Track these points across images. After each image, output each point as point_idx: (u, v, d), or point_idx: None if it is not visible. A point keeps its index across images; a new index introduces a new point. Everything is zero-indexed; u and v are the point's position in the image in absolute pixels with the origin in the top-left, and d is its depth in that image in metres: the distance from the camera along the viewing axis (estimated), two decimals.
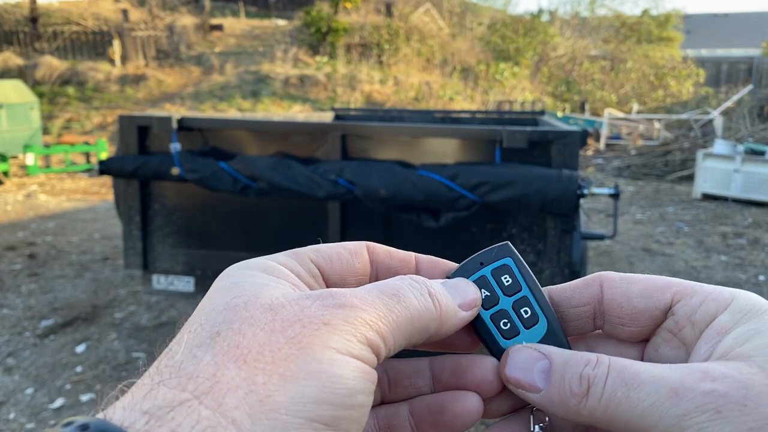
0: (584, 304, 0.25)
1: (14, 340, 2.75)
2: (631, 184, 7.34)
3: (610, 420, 0.20)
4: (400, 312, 0.21)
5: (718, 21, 23.68)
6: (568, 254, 1.95)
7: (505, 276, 0.25)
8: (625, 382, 0.20)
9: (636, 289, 0.24)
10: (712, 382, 0.19)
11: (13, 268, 3.79)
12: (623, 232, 5.02)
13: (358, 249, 0.25)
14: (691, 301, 0.23)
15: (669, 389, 0.19)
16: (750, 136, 7.92)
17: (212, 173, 1.96)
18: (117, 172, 2.10)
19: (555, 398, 0.22)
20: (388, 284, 0.22)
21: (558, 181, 1.78)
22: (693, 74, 13.38)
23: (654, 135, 9.33)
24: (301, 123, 2.27)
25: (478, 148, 1.98)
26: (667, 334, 0.24)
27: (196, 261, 2.20)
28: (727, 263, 4.19)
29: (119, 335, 2.82)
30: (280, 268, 0.22)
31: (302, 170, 1.91)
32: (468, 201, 1.82)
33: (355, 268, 0.24)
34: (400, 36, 12.66)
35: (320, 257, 0.24)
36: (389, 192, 1.84)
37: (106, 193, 6.37)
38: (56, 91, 10.67)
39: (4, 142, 7.31)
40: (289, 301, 0.20)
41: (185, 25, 12.92)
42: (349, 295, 0.20)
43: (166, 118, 2.05)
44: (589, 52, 14.57)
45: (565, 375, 0.22)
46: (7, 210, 5.47)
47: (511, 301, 0.25)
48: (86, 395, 2.27)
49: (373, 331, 0.20)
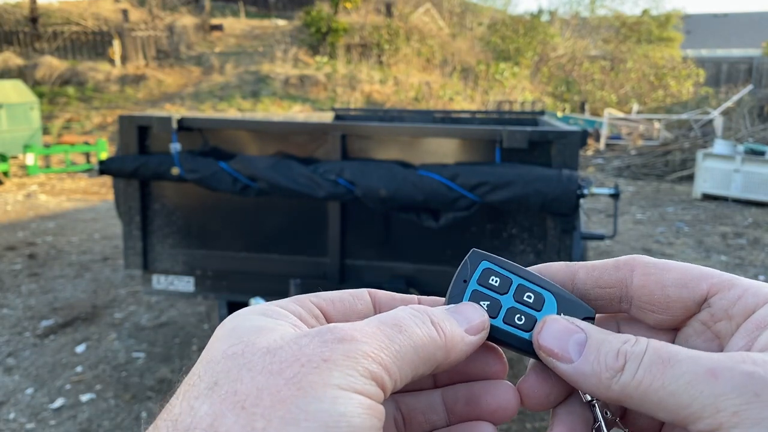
0: (611, 286, 0.24)
1: (14, 340, 2.75)
2: (631, 184, 7.34)
3: (642, 398, 0.20)
4: (403, 342, 0.21)
5: (718, 21, 23.68)
6: (568, 254, 1.94)
7: (492, 278, 0.25)
8: (663, 359, 0.20)
9: (671, 277, 0.23)
10: (753, 365, 0.19)
11: (13, 268, 3.79)
12: (623, 233, 5.02)
13: (360, 292, 0.25)
14: (729, 294, 0.22)
15: (707, 369, 0.19)
16: (750, 136, 7.92)
17: (212, 173, 1.97)
18: (117, 172, 2.10)
19: (587, 371, 0.21)
20: (389, 315, 0.22)
21: (558, 181, 1.78)
22: (693, 74, 13.39)
23: (654, 135, 9.34)
24: (301, 123, 2.27)
25: (478, 148, 1.99)
26: (700, 326, 0.23)
27: (196, 261, 2.21)
28: (727, 263, 4.19)
29: (119, 335, 2.82)
30: (280, 310, 0.22)
31: (302, 170, 1.91)
32: (468, 201, 1.82)
33: (358, 309, 0.24)
34: (400, 36, 12.66)
35: (321, 299, 0.23)
36: (389, 192, 1.84)
37: (106, 193, 6.37)
38: (56, 91, 10.67)
39: (4, 142, 7.31)
40: (287, 342, 0.19)
41: (185, 25, 12.92)
42: (348, 329, 0.20)
43: (166, 118, 2.05)
44: (589, 52, 14.57)
45: (602, 349, 0.22)
46: (7, 210, 5.47)
47: (511, 296, 0.25)
48: (86, 395, 2.27)
49: (375, 363, 0.19)
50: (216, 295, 2.23)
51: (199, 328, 2.93)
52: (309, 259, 2.14)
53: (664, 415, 0.20)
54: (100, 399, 2.25)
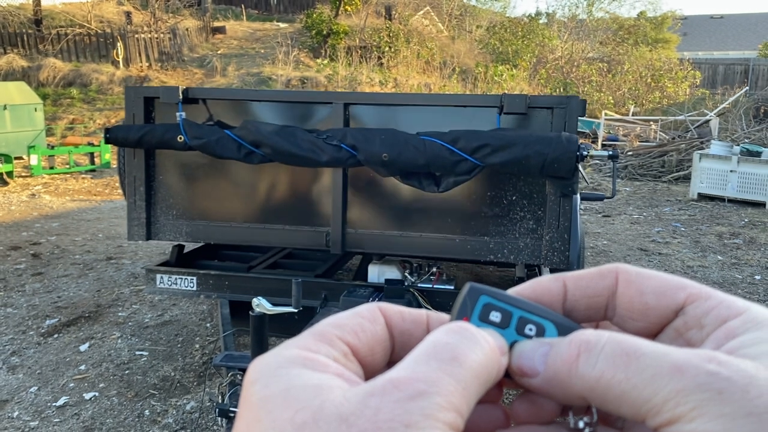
0: (598, 295, 0.24)
1: (18, 339, 2.78)
2: (628, 184, 7.37)
3: (605, 391, 0.20)
4: (465, 375, 0.20)
5: (714, 23, 23.70)
6: (567, 219, 1.93)
7: (492, 313, 0.24)
8: (626, 352, 0.20)
9: (650, 285, 0.23)
10: (718, 365, 0.19)
11: (18, 268, 3.82)
12: (620, 233, 5.06)
13: (374, 314, 0.24)
14: (704, 304, 0.22)
15: (672, 364, 0.19)
16: (746, 137, 7.97)
17: (217, 139, 1.97)
18: (123, 141, 2.09)
19: (550, 374, 0.21)
20: (439, 348, 0.20)
21: (558, 142, 1.77)
22: (689, 76, 13.42)
23: (651, 136, 9.38)
24: (305, 92, 2.30)
25: (480, 116, 1.98)
26: (673, 333, 0.23)
27: (199, 232, 2.20)
28: (723, 263, 4.22)
29: (123, 334, 2.84)
30: (318, 358, 0.21)
31: (306, 136, 1.92)
32: (469, 165, 1.81)
33: (379, 335, 0.23)
34: (400, 38, 12.71)
35: (346, 333, 0.22)
36: (391, 156, 1.83)
37: (109, 194, 6.43)
38: (60, 92, 10.73)
39: (9, 143, 7.36)
40: (356, 405, 0.18)
41: (188, 28, 12.98)
42: (411, 380, 0.19)
43: (172, 88, 2.07)
44: (586, 54, 14.61)
45: (560, 348, 0.22)
46: (12, 210, 5.51)
47: (513, 329, 0.24)
48: (90, 393, 2.29)
49: (451, 412, 0.19)
50: (218, 295, 2.24)
51: (202, 327, 2.97)
52: (311, 229, 2.13)
53: (626, 409, 0.20)
54: (104, 397, 2.26)
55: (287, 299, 1.89)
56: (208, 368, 2.48)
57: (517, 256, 2.04)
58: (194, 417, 2.14)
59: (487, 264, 3.81)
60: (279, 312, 1.74)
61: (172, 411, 2.19)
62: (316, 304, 2.12)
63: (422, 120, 2.02)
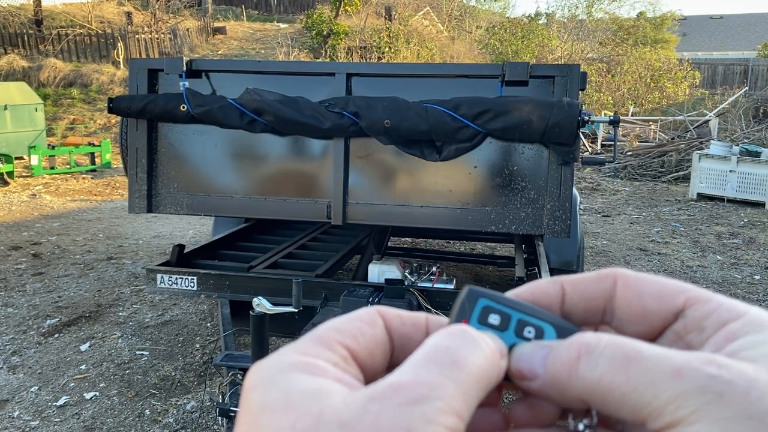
0: (596, 298, 0.24)
1: (19, 339, 2.78)
2: (628, 184, 7.38)
3: (605, 394, 0.20)
4: (466, 380, 0.20)
5: (713, 23, 23.73)
6: (568, 188, 1.93)
7: (491, 316, 0.24)
8: (626, 354, 0.20)
9: (649, 289, 0.23)
10: (718, 368, 0.19)
11: (18, 268, 3.83)
12: (619, 233, 5.07)
13: (373, 318, 0.23)
14: (704, 307, 0.22)
15: (672, 368, 0.19)
16: (745, 138, 7.98)
17: (219, 107, 1.97)
18: (126, 110, 2.09)
19: (549, 377, 0.21)
20: (439, 351, 0.20)
21: (559, 107, 1.77)
22: (689, 76, 13.44)
23: (650, 136, 9.40)
24: (308, 63, 2.30)
25: (483, 87, 1.98)
26: (672, 336, 0.23)
27: (200, 204, 2.21)
28: (723, 263, 4.22)
29: (123, 334, 2.85)
30: (318, 362, 0.20)
31: (308, 104, 1.92)
32: (471, 131, 1.81)
33: (378, 338, 0.23)
34: (399, 39, 12.74)
35: (345, 337, 0.22)
36: (393, 123, 1.82)
37: (110, 194, 6.44)
38: (60, 92, 10.75)
39: (9, 143, 7.37)
40: (357, 411, 0.18)
41: (188, 28, 13.00)
42: (412, 384, 0.19)
43: (176, 60, 2.07)
44: (586, 54, 14.63)
45: (560, 350, 0.22)
46: (12, 210, 5.52)
47: (512, 332, 0.24)
48: (90, 393, 2.30)
49: (452, 417, 0.19)
50: (218, 295, 2.25)
51: (202, 326, 2.97)
52: (312, 201, 2.14)
53: (626, 412, 0.20)
54: (104, 397, 2.27)
55: (287, 299, 1.89)
56: (209, 368, 2.49)
57: (518, 226, 2.03)
58: (195, 416, 2.15)
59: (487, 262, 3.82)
60: (279, 312, 1.74)
61: (172, 410, 2.19)
62: (317, 303, 2.13)
63: (425, 91, 2.01)
